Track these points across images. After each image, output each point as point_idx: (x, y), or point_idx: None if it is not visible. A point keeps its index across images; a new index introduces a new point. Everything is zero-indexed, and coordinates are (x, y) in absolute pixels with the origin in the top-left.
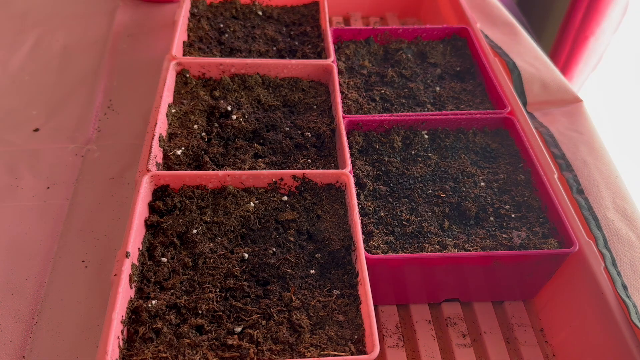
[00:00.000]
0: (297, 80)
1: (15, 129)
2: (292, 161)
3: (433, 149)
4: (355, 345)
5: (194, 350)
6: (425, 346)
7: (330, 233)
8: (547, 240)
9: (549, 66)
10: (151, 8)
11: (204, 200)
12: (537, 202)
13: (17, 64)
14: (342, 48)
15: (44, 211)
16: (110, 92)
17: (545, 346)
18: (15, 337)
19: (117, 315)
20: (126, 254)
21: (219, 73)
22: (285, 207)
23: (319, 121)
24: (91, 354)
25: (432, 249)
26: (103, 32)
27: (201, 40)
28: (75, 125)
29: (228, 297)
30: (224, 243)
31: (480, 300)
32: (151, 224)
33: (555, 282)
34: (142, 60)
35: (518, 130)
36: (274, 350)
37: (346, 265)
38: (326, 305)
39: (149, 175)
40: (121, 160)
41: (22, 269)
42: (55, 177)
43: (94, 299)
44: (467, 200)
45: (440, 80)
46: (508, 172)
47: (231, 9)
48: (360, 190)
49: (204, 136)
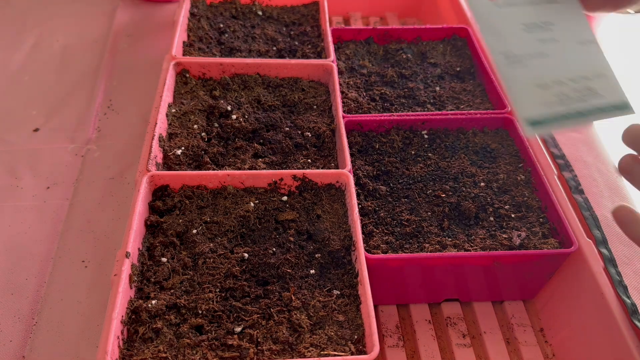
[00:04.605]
0: (297, 80)
1: (15, 129)
2: (292, 161)
3: (433, 148)
4: (355, 345)
5: (193, 350)
6: (425, 346)
7: (330, 233)
8: (547, 240)
9: None
10: (151, 8)
11: (204, 200)
12: (537, 202)
13: (17, 64)
14: (342, 48)
15: (44, 211)
16: (110, 92)
17: (545, 346)
18: (15, 337)
19: (117, 315)
20: (126, 254)
21: (219, 73)
22: (285, 207)
23: (319, 121)
24: (91, 354)
25: (432, 249)
26: (103, 32)
27: (201, 40)
28: (75, 125)
29: (228, 297)
30: (223, 243)
31: (480, 300)
32: (151, 224)
33: (555, 282)
34: (142, 60)
35: (518, 130)
36: (274, 350)
37: (346, 265)
38: (326, 305)
39: (148, 175)
40: (121, 160)
41: (22, 269)
42: (55, 177)
43: (94, 299)
44: (467, 200)
45: (440, 80)
46: (508, 172)
47: (231, 8)
48: (360, 190)
49: (204, 136)
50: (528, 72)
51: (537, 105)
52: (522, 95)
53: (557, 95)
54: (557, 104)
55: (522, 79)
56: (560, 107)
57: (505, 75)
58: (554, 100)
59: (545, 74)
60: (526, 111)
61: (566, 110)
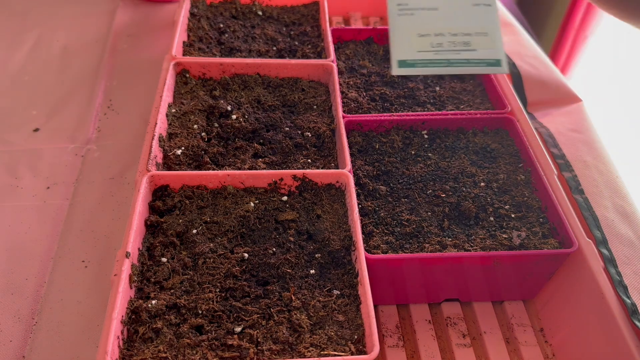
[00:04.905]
0: (297, 80)
1: (15, 129)
2: (292, 161)
3: (433, 149)
4: (355, 345)
5: (194, 350)
6: (425, 346)
7: (330, 233)
8: (547, 240)
9: (549, 66)
10: (151, 8)
11: (204, 200)
12: (537, 202)
13: (17, 64)
14: (342, 48)
15: (44, 211)
16: (110, 92)
17: (545, 346)
18: (15, 337)
19: (117, 315)
20: (126, 254)
21: (219, 73)
22: (285, 207)
23: (319, 121)
24: (91, 354)
25: (432, 249)
26: (103, 32)
27: (201, 40)
28: (75, 125)
29: (228, 297)
30: (223, 243)
31: (480, 300)
32: (151, 223)
33: (555, 282)
34: (142, 60)
35: (518, 130)
36: (274, 350)
37: (346, 265)
38: (326, 305)
39: (148, 175)
40: (121, 160)
41: (22, 269)
42: (55, 177)
43: (94, 299)
44: (467, 200)
45: (440, 80)
46: (508, 172)
47: (231, 9)
48: (360, 190)
49: (204, 136)
50: (414, 21)
51: (409, 50)
52: (400, 40)
53: (433, 44)
54: (430, 51)
55: (407, 26)
56: (431, 54)
57: (393, 23)
58: (427, 48)
59: (429, 25)
60: (398, 53)
61: (436, 57)
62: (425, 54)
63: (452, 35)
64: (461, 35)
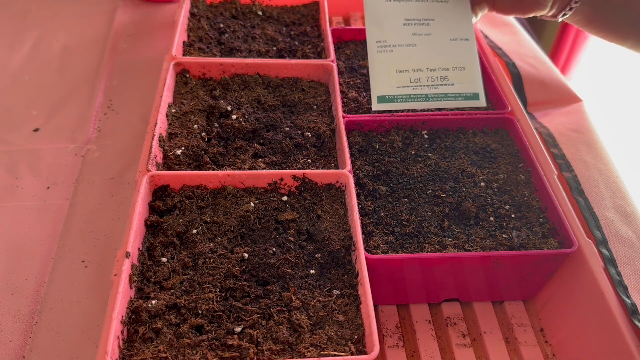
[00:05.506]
0: (297, 80)
1: (15, 129)
2: (292, 161)
3: (433, 149)
4: (355, 345)
5: (194, 350)
6: (425, 346)
7: (330, 233)
8: (547, 240)
9: (549, 66)
10: (151, 8)
11: (204, 200)
12: (537, 202)
13: (17, 64)
14: (342, 48)
15: (44, 211)
16: (110, 92)
17: (545, 346)
18: (15, 337)
19: (117, 315)
20: (126, 254)
21: (219, 73)
22: (285, 207)
23: (319, 121)
24: (91, 354)
25: (432, 249)
26: (103, 32)
27: (201, 40)
28: (75, 125)
29: (228, 297)
30: (223, 243)
31: (480, 300)
32: (151, 224)
33: (555, 282)
34: (142, 60)
35: (518, 130)
36: (274, 350)
37: (346, 265)
38: (326, 305)
39: (148, 175)
40: (121, 160)
41: (22, 269)
42: (55, 177)
43: (94, 299)
44: (467, 200)
45: None
46: (508, 172)
47: (231, 9)
48: (360, 190)
49: (204, 136)
50: (392, 58)
51: (388, 86)
52: (379, 76)
53: (411, 79)
54: (408, 86)
55: (386, 63)
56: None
57: (373, 59)
58: (406, 83)
59: (407, 61)
60: (378, 89)
61: (414, 92)
62: (404, 89)
63: (430, 70)
64: (439, 70)
